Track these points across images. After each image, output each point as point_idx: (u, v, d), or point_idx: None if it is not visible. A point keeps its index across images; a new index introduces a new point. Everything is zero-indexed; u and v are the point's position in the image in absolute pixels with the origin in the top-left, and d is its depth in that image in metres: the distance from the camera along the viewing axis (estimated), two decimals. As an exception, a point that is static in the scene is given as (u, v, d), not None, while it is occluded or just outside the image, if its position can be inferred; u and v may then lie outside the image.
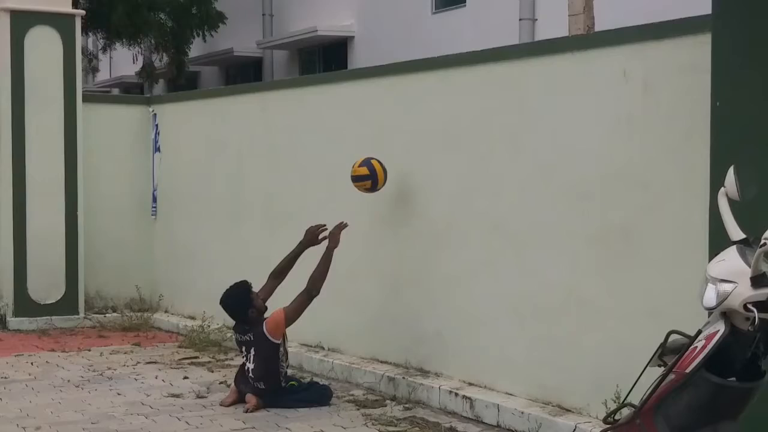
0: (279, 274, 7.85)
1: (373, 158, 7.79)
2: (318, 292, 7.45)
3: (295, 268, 7.82)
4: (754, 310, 3.95)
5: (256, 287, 7.67)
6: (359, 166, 7.80)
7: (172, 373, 8.58)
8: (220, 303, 7.61)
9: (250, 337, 7.42)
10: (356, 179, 7.83)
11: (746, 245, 4.18)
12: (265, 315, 7.53)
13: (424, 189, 7.79)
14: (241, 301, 7.48)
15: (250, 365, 7.39)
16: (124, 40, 22.27)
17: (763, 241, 3.95)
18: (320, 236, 7.79)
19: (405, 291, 7.98)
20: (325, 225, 7.81)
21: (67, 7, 11.18)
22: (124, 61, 28.58)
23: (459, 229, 7.48)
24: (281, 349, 7.44)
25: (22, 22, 10.83)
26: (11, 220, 10.83)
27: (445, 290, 7.59)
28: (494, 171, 7.20)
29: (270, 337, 7.37)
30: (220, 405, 7.39)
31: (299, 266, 7.76)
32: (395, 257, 8.06)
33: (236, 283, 7.60)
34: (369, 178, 7.75)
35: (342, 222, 7.72)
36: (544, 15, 17.03)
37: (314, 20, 22.78)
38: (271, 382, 7.37)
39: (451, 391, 7.16)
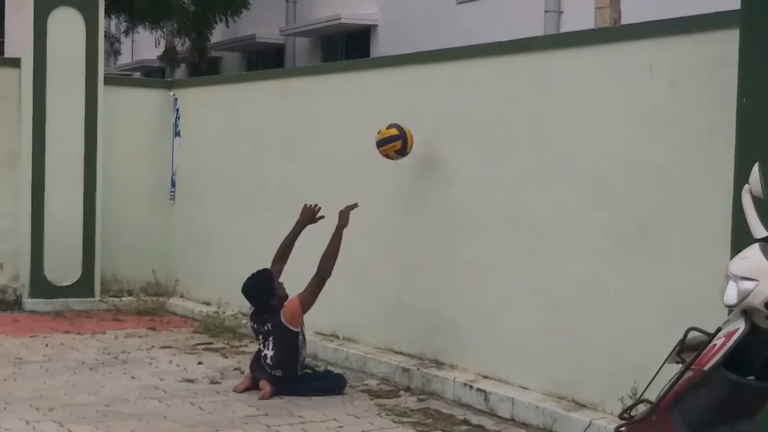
0: (281, 257, 7.78)
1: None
2: (329, 275, 7.40)
3: (305, 250, 7.76)
4: (776, 309, 3.91)
5: (270, 275, 7.64)
6: (387, 128, 7.66)
7: (187, 358, 8.58)
8: (242, 290, 7.57)
9: (268, 327, 7.38)
10: (385, 142, 7.64)
11: (769, 243, 4.13)
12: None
13: (443, 179, 7.74)
14: (263, 290, 7.46)
15: (269, 353, 7.36)
16: (146, 23, 22.30)
17: (787, 240, 3.90)
18: (317, 215, 7.75)
19: (421, 282, 7.94)
20: (319, 206, 7.78)
21: (90, -11, 11.18)
22: (146, 45, 28.64)
23: (478, 220, 7.44)
24: (300, 336, 7.43)
25: (46, 3, 10.82)
26: (29, 202, 10.84)
27: (462, 282, 7.54)
28: (515, 162, 7.15)
29: (289, 326, 7.35)
30: (234, 391, 7.38)
31: (310, 248, 7.73)
32: (412, 247, 8.02)
33: (258, 271, 7.57)
34: (398, 138, 7.61)
35: (354, 203, 7.67)
36: (570, 7, 16.94)
37: (337, 8, 22.73)
38: (289, 371, 7.35)
39: (465, 384, 7.12)
